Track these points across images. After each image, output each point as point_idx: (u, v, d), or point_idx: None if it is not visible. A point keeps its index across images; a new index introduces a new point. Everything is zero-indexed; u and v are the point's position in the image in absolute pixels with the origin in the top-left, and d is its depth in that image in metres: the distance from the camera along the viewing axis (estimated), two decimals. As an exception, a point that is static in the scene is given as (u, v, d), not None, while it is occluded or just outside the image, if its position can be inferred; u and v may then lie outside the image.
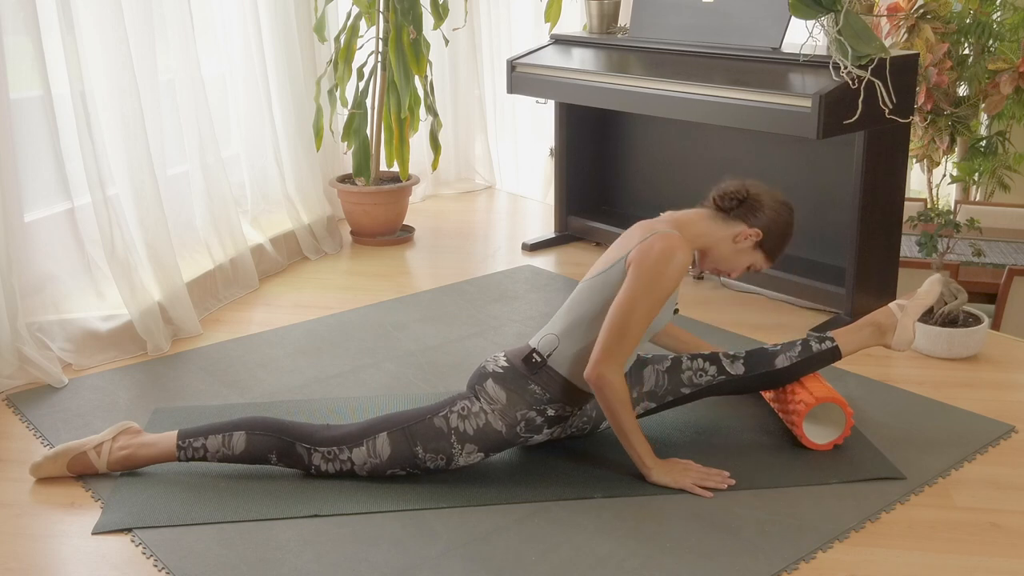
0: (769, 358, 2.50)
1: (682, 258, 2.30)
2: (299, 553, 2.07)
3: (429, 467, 2.30)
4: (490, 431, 2.30)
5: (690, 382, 2.48)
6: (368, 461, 2.29)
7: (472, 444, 2.29)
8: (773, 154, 3.69)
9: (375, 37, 4.22)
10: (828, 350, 2.50)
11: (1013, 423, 2.63)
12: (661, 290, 2.28)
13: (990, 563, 2.04)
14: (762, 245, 2.44)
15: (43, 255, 3.06)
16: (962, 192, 6.09)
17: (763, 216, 2.42)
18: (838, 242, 3.45)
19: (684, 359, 2.50)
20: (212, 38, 3.88)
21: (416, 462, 2.29)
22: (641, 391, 2.46)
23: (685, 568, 2.01)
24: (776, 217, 2.43)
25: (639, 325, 2.27)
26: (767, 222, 2.42)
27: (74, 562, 2.07)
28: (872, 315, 2.60)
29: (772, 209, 2.43)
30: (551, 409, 2.34)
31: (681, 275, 2.32)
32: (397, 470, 2.31)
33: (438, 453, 2.28)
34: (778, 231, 2.44)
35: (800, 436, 2.46)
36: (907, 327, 2.56)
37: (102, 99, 3.12)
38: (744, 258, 2.44)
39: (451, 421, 2.29)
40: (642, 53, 3.73)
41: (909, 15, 5.23)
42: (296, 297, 3.67)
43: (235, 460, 2.33)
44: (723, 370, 2.48)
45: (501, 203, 5.16)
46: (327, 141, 4.30)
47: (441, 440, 2.28)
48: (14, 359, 2.83)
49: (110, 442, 2.36)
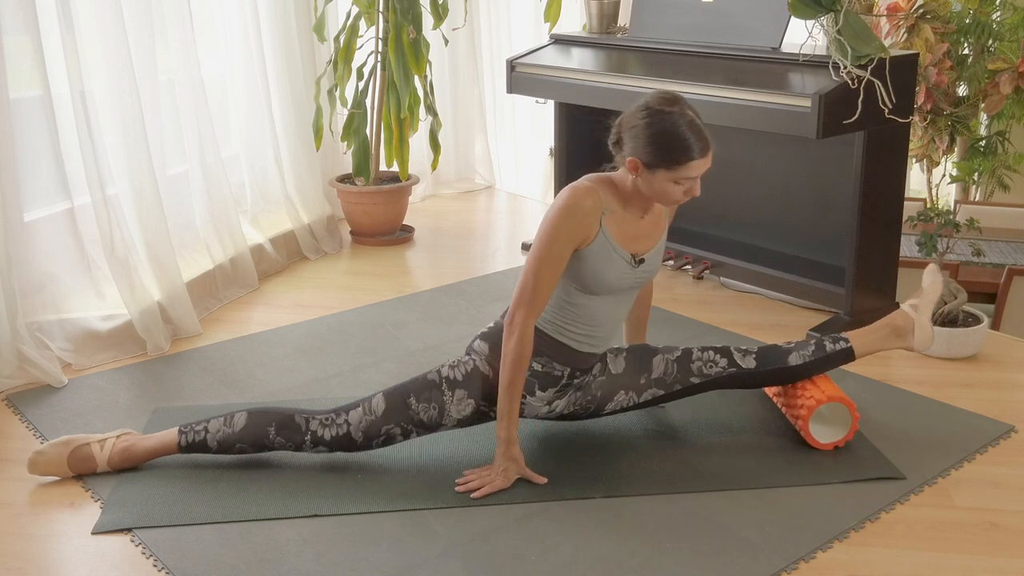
0: (782, 355, 2.49)
1: (577, 202, 2.25)
2: (299, 553, 2.07)
3: (423, 419, 2.34)
4: (477, 375, 2.35)
5: (700, 372, 2.48)
6: (363, 419, 2.34)
7: (462, 390, 2.35)
8: (773, 154, 3.69)
9: (375, 37, 4.22)
10: (842, 351, 2.50)
11: (1013, 423, 2.63)
12: (558, 233, 2.24)
13: (989, 563, 2.05)
14: (650, 166, 2.22)
15: (43, 255, 3.06)
16: (962, 192, 6.09)
17: (630, 141, 2.23)
18: (838, 242, 3.45)
19: (695, 350, 2.50)
20: (212, 38, 3.88)
21: (410, 415, 2.33)
22: (649, 378, 2.48)
23: (685, 568, 2.01)
24: (640, 131, 2.21)
25: (546, 270, 2.25)
26: (634, 144, 2.22)
27: (74, 562, 2.07)
28: (887, 318, 2.56)
29: (634, 127, 2.22)
30: (534, 363, 2.37)
31: (579, 219, 2.24)
32: (391, 426, 2.34)
33: (430, 402, 2.34)
34: (651, 142, 2.20)
35: (804, 432, 2.46)
36: (925, 326, 2.52)
37: (102, 99, 3.12)
38: (656, 186, 2.24)
39: (442, 372, 2.37)
40: (642, 53, 3.73)
41: (909, 15, 5.22)
42: (296, 297, 3.67)
43: (236, 440, 2.35)
44: (734, 363, 2.48)
45: (501, 203, 5.16)
46: (327, 141, 4.30)
47: (433, 390, 2.35)
48: (14, 359, 2.83)
49: (114, 439, 2.40)
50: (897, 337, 2.53)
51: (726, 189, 3.83)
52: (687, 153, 2.20)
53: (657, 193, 2.27)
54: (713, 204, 3.71)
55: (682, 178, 2.23)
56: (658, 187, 2.25)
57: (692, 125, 2.21)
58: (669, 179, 2.23)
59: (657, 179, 2.24)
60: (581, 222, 2.26)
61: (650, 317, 2.76)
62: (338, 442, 2.36)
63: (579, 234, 2.27)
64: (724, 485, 2.32)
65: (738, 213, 3.85)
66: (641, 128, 2.22)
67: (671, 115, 2.20)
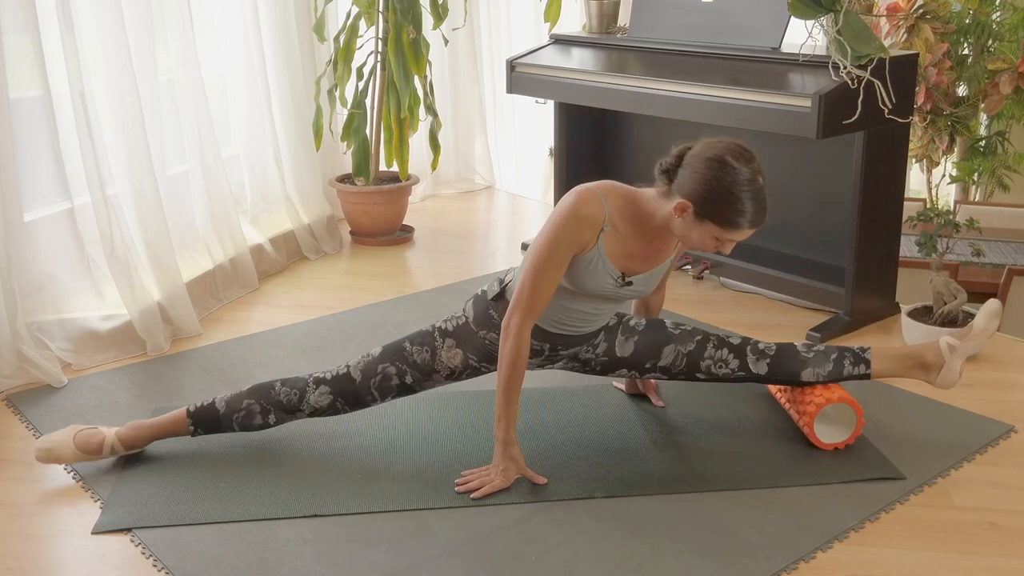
0: (796, 367, 2.46)
1: (579, 208, 2.22)
2: (299, 553, 2.07)
3: (416, 360, 2.43)
4: (467, 330, 2.44)
5: (707, 371, 2.48)
6: (361, 360, 2.45)
7: (451, 339, 2.43)
8: (773, 154, 3.69)
9: (375, 37, 4.22)
10: (858, 375, 2.48)
11: (1013, 423, 2.63)
12: (560, 239, 2.23)
13: (989, 563, 2.05)
14: (700, 215, 2.17)
15: (43, 255, 3.06)
16: (961, 192, 6.09)
17: (689, 182, 2.16)
18: (838, 242, 3.45)
19: (709, 346, 2.47)
20: (212, 38, 3.88)
21: (404, 355, 2.43)
22: (655, 364, 2.49)
23: (685, 568, 2.01)
24: (704, 179, 2.14)
25: (544, 275, 2.24)
26: (693, 187, 2.15)
27: (74, 562, 2.07)
28: (918, 349, 2.50)
29: (698, 171, 2.15)
30: None
31: (581, 227, 2.22)
32: (387, 365, 2.43)
33: (423, 346, 2.43)
34: (712, 195, 2.13)
35: (808, 429, 2.46)
36: (954, 369, 2.46)
37: (102, 99, 3.12)
38: (695, 233, 2.20)
39: (436, 324, 2.47)
40: (641, 53, 3.73)
41: (908, 15, 5.22)
42: (296, 297, 3.67)
43: (243, 397, 2.44)
44: (745, 366, 2.47)
45: (501, 203, 5.16)
46: (327, 141, 4.30)
47: (426, 336, 2.45)
48: (14, 359, 2.83)
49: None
50: (921, 371, 2.49)
51: (726, 189, 3.83)
52: (742, 217, 2.15)
53: (691, 238, 2.22)
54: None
55: (725, 238, 2.19)
56: (696, 234, 2.20)
57: (758, 193, 2.15)
58: (712, 233, 2.19)
59: (700, 228, 2.19)
60: (583, 230, 2.24)
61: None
62: (339, 382, 2.44)
63: (579, 241, 2.25)
64: (724, 485, 2.32)
65: (738, 213, 3.84)
66: (706, 177, 2.14)
67: (742, 174, 2.13)
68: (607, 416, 2.65)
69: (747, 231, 2.19)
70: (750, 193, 2.14)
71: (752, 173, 2.14)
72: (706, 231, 2.19)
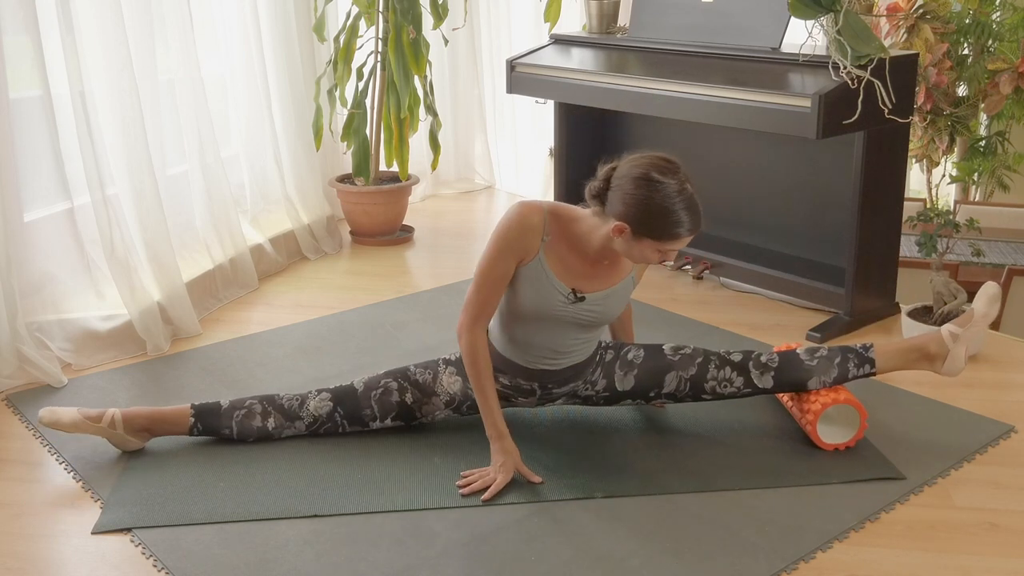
0: (802, 376, 2.46)
1: (522, 218, 2.27)
2: (299, 553, 2.07)
3: (418, 379, 2.50)
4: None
5: (712, 391, 2.49)
6: (366, 375, 2.53)
7: (453, 367, 2.50)
8: (773, 154, 3.70)
9: (375, 37, 4.22)
10: (864, 375, 2.48)
11: (1013, 423, 2.63)
12: (501, 245, 2.27)
13: (989, 563, 2.05)
14: (638, 233, 2.16)
15: (43, 255, 3.06)
16: (961, 192, 6.09)
17: (620, 204, 2.16)
18: (838, 242, 3.45)
19: (711, 368, 2.47)
20: (212, 38, 3.88)
21: (407, 374, 2.51)
22: (660, 392, 2.51)
23: (685, 568, 2.01)
24: (635, 200, 2.13)
25: (485, 280, 2.30)
26: (625, 210, 2.15)
27: (74, 562, 2.07)
28: (921, 340, 2.49)
29: (627, 192, 2.14)
30: (502, 378, 2.46)
31: (523, 232, 2.26)
32: (389, 380, 2.50)
33: (427, 368, 2.52)
34: (645, 214, 2.13)
35: (811, 428, 2.45)
36: (959, 357, 2.46)
37: (102, 99, 3.12)
38: (635, 250, 2.20)
39: (442, 356, 2.55)
40: (641, 53, 3.73)
41: (908, 15, 5.22)
42: (296, 297, 3.67)
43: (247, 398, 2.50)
44: (750, 382, 2.47)
45: (501, 203, 5.16)
46: (327, 141, 4.30)
47: (431, 363, 2.54)
48: (14, 359, 2.83)
49: None
50: (926, 362, 2.48)
51: (726, 189, 3.84)
52: (679, 228, 2.16)
53: (633, 255, 2.24)
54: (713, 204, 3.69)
55: (667, 249, 2.20)
56: (637, 251, 2.21)
57: (689, 202, 2.15)
58: (653, 247, 2.19)
59: (640, 245, 2.19)
60: (525, 235, 2.27)
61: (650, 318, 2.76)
62: (340, 391, 2.51)
63: (521, 247, 2.28)
64: (724, 485, 2.32)
65: (738, 213, 3.85)
66: (636, 197, 2.14)
67: (670, 187, 2.13)
68: (607, 416, 2.65)
69: (687, 238, 2.20)
70: (682, 204, 2.14)
71: (679, 184, 2.14)
72: (646, 247, 2.19)
